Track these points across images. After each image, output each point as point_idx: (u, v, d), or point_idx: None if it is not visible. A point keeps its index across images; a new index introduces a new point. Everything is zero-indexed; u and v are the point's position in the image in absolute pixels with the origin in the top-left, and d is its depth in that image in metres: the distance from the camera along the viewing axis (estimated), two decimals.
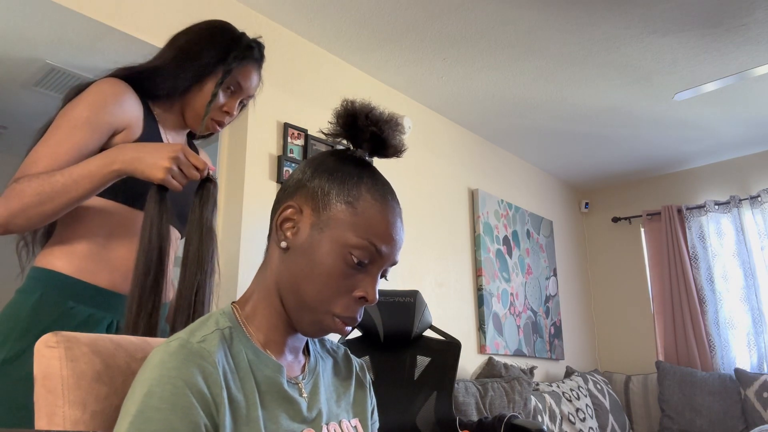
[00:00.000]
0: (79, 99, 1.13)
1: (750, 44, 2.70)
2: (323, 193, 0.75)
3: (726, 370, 3.78)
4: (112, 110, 1.13)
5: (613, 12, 2.46)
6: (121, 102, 1.15)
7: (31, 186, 1.02)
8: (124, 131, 1.16)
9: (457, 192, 3.44)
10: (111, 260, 1.13)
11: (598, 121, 3.53)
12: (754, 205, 3.92)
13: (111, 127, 1.13)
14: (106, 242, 1.13)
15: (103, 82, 1.16)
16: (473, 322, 3.33)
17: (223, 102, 1.27)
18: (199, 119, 1.26)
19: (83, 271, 1.10)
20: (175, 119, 1.29)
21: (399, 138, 0.79)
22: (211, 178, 1.13)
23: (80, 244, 1.12)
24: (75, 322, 1.07)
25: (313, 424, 0.75)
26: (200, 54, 1.23)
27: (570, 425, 3.19)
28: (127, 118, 1.16)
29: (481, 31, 2.60)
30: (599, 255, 4.66)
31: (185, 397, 0.62)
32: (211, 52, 1.23)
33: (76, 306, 1.09)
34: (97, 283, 1.11)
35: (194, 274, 1.07)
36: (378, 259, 0.75)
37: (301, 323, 0.76)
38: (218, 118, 1.28)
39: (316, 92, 2.67)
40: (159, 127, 1.25)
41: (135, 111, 1.18)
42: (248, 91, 1.30)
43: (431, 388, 2.22)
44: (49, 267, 1.10)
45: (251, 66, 1.28)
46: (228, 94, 1.27)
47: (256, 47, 1.29)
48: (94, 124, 1.11)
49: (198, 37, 1.25)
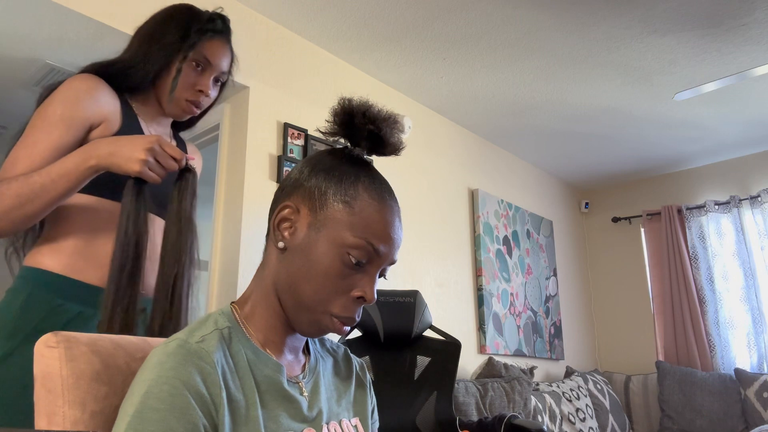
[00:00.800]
0: (52, 97, 1.12)
1: (750, 44, 2.70)
2: (320, 192, 0.75)
3: (726, 370, 3.78)
4: (86, 105, 1.12)
5: (613, 12, 2.46)
6: (94, 96, 1.14)
7: (11, 189, 1.01)
8: (102, 125, 1.15)
9: (457, 192, 3.44)
10: (99, 256, 1.12)
11: (598, 121, 3.53)
12: (754, 205, 3.92)
13: (87, 122, 1.13)
14: (93, 238, 1.13)
15: (75, 79, 1.15)
16: (473, 322, 3.33)
17: (194, 80, 1.24)
18: (177, 105, 1.24)
19: (71, 268, 1.10)
20: (154, 110, 1.28)
21: (397, 136, 0.78)
22: (189, 167, 1.13)
23: (67, 242, 1.12)
24: (64, 320, 1.07)
25: (313, 424, 0.75)
26: (162, 36, 1.21)
27: (570, 425, 3.19)
28: (102, 113, 1.15)
29: (481, 31, 2.60)
30: (599, 255, 4.66)
31: (183, 398, 0.62)
32: (172, 32, 1.21)
33: (65, 303, 1.08)
34: (85, 280, 1.11)
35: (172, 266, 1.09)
36: (376, 259, 0.75)
37: (300, 323, 0.76)
38: (192, 98, 1.25)
39: (316, 92, 2.67)
40: (139, 119, 1.23)
41: (110, 105, 1.17)
42: (219, 66, 1.26)
43: (431, 388, 2.22)
44: (37, 266, 1.10)
45: (216, 39, 1.25)
46: (198, 71, 1.24)
47: (219, 19, 1.27)
48: (69, 120, 1.10)
49: (159, 21, 1.24)
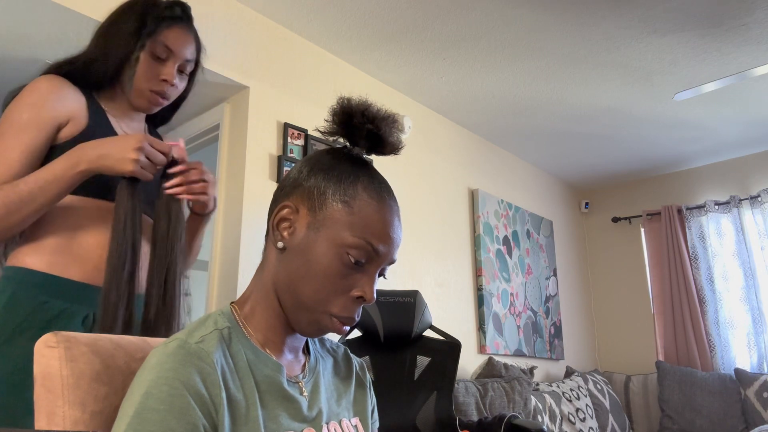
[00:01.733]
0: (17, 102, 1.12)
1: (750, 44, 2.70)
2: (319, 192, 0.74)
3: (726, 370, 3.78)
4: (53, 105, 1.12)
5: (613, 12, 2.46)
6: (59, 96, 1.14)
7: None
8: (69, 124, 1.15)
9: (457, 192, 3.44)
10: (81, 252, 1.13)
11: (598, 121, 3.53)
12: (754, 205, 3.91)
13: (54, 121, 1.13)
14: (74, 235, 1.13)
15: (37, 81, 1.15)
16: (473, 322, 3.33)
17: (157, 70, 1.21)
18: (142, 97, 1.22)
19: (54, 266, 1.10)
20: (123, 105, 1.26)
21: (396, 135, 0.78)
22: (175, 159, 1.14)
23: (48, 240, 1.12)
24: (48, 317, 1.07)
25: (313, 424, 0.75)
26: (120, 28, 1.20)
27: (570, 425, 3.20)
28: (68, 111, 1.15)
29: (481, 31, 2.60)
30: (599, 255, 4.66)
31: (182, 398, 0.62)
32: (129, 22, 1.19)
33: (49, 301, 1.08)
34: (69, 277, 1.11)
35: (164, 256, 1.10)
36: (375, 259, 0.74)
37: (299, 323, 0.76)
38: (157, 88, 1.22)
39: (316, 92, 2.67)
40: (108, 116, 1.22)
41: (75, 102, 1.17)
42: (182, 54, 1.23)
43: (431, 388, 2.22)
44: (19, 265, 1.10)
45: (176, 26, 1.22)
46: (160, 61, 1.21)
47: (178, 6, 1.24)
48: (38, 123, 1.10)
49: (117, 13, 1.23)
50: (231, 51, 2.33)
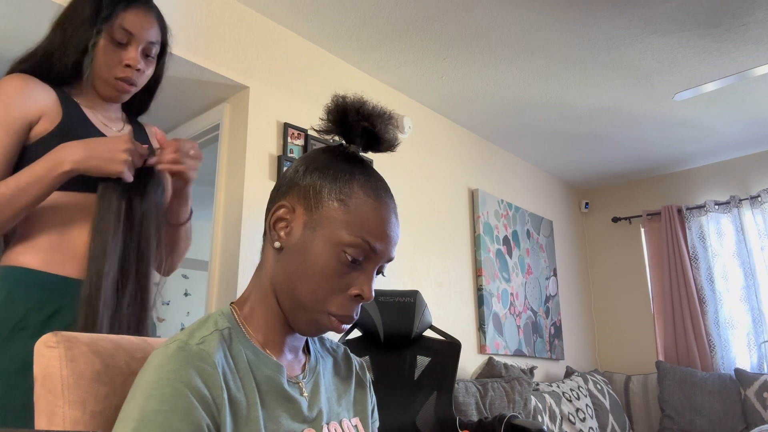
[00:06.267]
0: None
1: (750, 44, 2.70)
2: (315, 191, 0.74)
3: (726, 370, 3.78)
4: (21, 104, 1.10)
5: (613, 12, 2.46)
6: (26, 93, 1.12)
7: None
8: (41, 120, 1.13)
9: (457, 192, 3.44)
10: (74, 249, 1.12)
11: (599, 121, 3.53)
12: (754, 205, 3.91)
13: (25, 121, 1.11)
14: (66, 231, 1.13)
15: (1, 82, 1.13)
16: (473, 322, 3.33)
17: (119, 56, 1.17)
18: (108, 85, 1.19)
19: (50, 263, 1.10)
20: (94, 96, 1.22)
21: (392, 132, 0.77)
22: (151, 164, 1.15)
23: (41, 238, 1.11)
24: (45, 315, 1.07)
25: (313, 424, 0.75)
26: (76, 15, 1.17)
27: (570, 425, 3.20)
28: (37, 107, 1.13)
29: (481, 31, 2.60)
30: (599, 255, 4.66)
31: (185, 399, 0.62)
32: (85, 9, 1.16)
33: (46, 298, 1.08)
34: (66, 274, 1.11)
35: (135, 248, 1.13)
36: (373, 257, 0.74)
37: (298, 323, 0.76)
38: (121, 74, 1.18)
39: (316, 92, 2.67)
40: (83, 109, 1.20)
41: (44, 98, 1.14)
42: (144, 36, 1.18)
43: (431, 388, 2.22)
44: (14, 264, 1.10)
45: (133, 8, 1.18)
46: (121, 46, 1.17)
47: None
48: (8, 124, 1.09)
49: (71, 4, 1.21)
50: (231, 51, 2.33)
